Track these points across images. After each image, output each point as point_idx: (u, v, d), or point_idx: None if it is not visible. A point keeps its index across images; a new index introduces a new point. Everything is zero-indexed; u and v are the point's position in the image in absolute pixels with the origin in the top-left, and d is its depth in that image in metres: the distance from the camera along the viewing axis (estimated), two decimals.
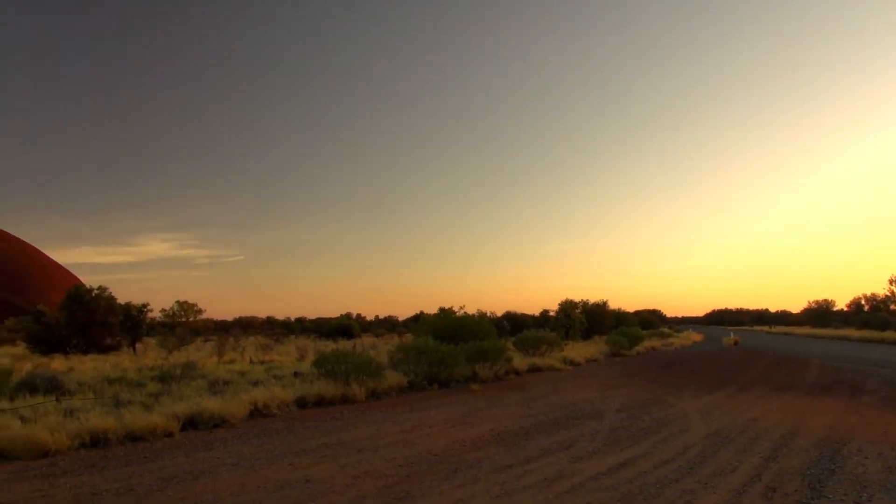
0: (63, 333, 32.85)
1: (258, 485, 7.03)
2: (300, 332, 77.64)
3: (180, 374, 16.77)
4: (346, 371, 15.15)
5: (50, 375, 15.15)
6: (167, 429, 10.27)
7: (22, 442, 8.77)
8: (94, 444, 9.41)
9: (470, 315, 27.42)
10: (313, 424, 11.49)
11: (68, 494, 6.67)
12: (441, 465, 8.05)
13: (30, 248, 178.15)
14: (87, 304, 33.15)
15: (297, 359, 26.69)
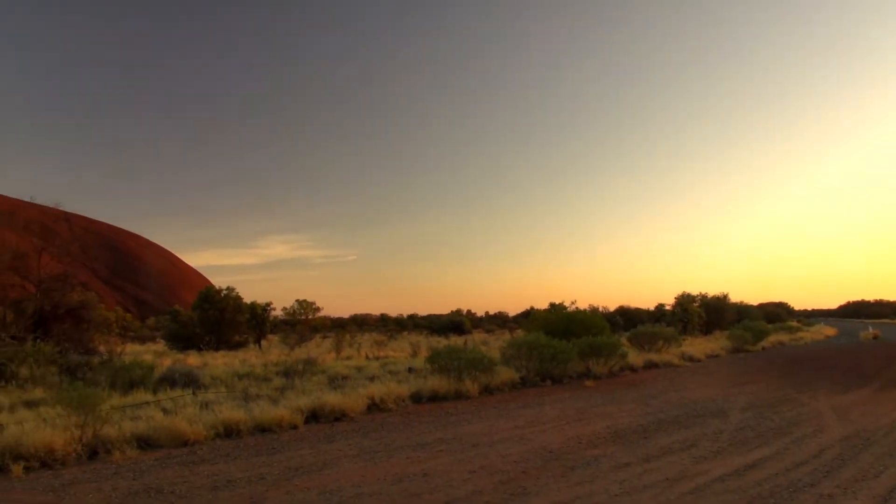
0: (196, 331, 35.29)
1: (378, 477, 7.25)
2: (412, 328, 79.19)
3: (302, 369, 17.58)
4: (459, 367, 15.31)
5: (187, 370, 16.31)
6: (292, 421, 10.80)
7: (165, 431, 9.52)
8: (228, 434, 10.06)
9: (581, 310, 26.97)
10: (428, 419, 11.69)
11: (206, 481, 7.16)
12: (557, 461, 7.97)
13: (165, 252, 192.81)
14: (217, 303, 35.43)
15: (410, 355, 27.26)
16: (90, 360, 16.93)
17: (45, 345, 15.62)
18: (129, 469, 7.84)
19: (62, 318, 18.54)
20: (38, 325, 18.03)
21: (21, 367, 14.51)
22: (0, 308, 17.92)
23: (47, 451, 8.19)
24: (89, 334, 19.10)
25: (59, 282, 18.71)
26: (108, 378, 14.28)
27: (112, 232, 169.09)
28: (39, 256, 18.76)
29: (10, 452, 8.06)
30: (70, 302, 18.72)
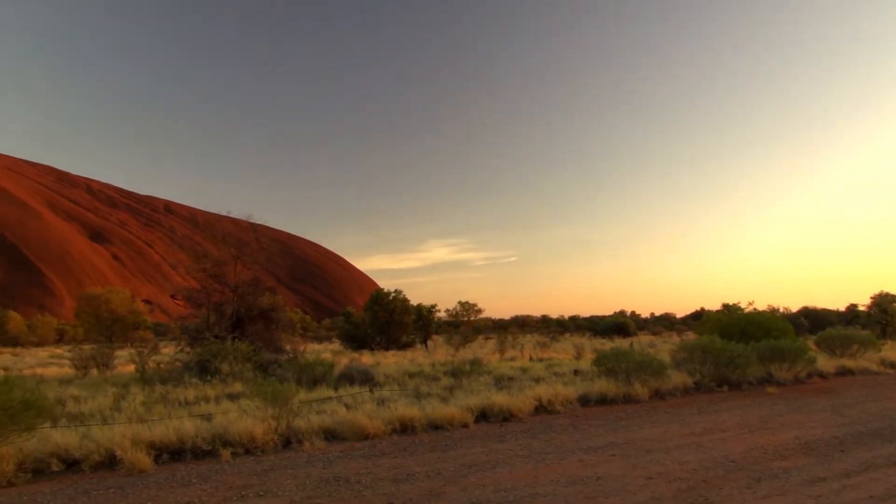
0: (368, 332, 37.35)
1: (551, 478, 7.28)
2: (574, 329, 78.05)
3: (469, 369, 17.99)
4: (627, 370, 14.89)
5: (363, 369, 17.34)
6: (463, 420, 11.12)
7: (348, 425, 10.22)
8: (403, 430, 10.57)
9: (760, 311, 25.10)
10: (598, 422, 11.51)
11: (388, 473, 7.60)
12: (741, 472, 7.52)
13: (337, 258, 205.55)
14: (386, 305, 37.26)
15: (574, 357, 26.93)
16: (279, 357, 18.55)
17: (242, 343, 17.34)
18: (319, 459, 8.50)
19: (255, 319, 20.50)
20: (235, 325, 20.08)
21: (223, 363, 16.24)
22: (205, 311, 20.19)
23: (249, 439, 9.11)
24: (277, 334, 20.94)
25: (252, 287, 20.70)
26: (295, 374, 15.56)
27: (292, 240, 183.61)
28: (235, 264, 20.90)
29: (220, 439, 9.07)
30: (261, 305, 20.66)
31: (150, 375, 16.85)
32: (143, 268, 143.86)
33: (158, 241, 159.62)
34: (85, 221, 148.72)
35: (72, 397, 13.94)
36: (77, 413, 11.65)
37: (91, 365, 20.84)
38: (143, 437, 8.72)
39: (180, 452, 8.73)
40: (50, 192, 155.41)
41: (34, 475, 7.71)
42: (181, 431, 9.03)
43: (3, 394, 7.80)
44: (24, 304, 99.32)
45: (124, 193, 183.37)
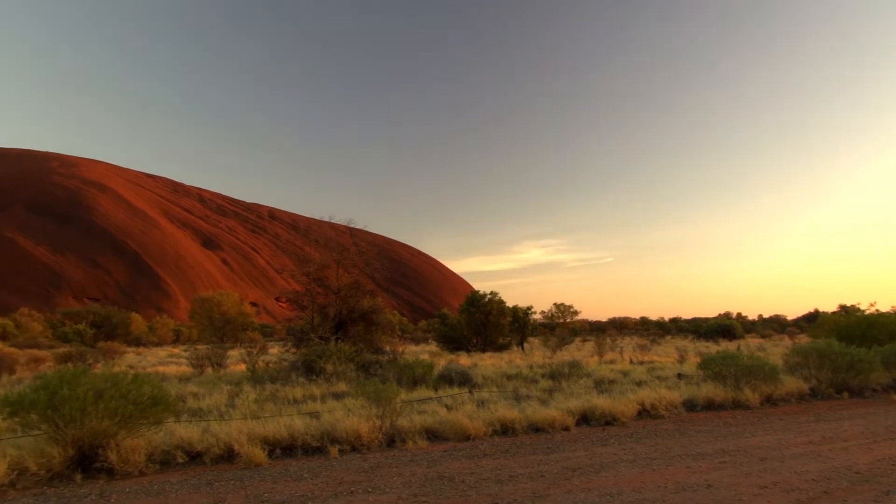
0: (464, 333, 37.61)
1: (658, 484, 7.09)
2: (675, 332, 75.45)
3: (568, 372, 17.79)
4: (736, 374, 14.26)
5: (461, 370, 17.49)
6: (563, 423, 11.01)
7: (449, 426, 10.35)
8: (504, 432, 10.59)
9: (883, 313, 23.34)
10: (705, 428, 11.09)
11: (491, 474, 7.64)
12: (867, 484, 7.05)
13: (432, 260, 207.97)
14: (482, 307, 37.39)
15: (677, 360, 26.04)
16: (379, 358, 19.04)
17: (345, 345, 17.94)
18: (422, 458, 8.67)
19: (356, 321, 21.16)
20: (338, 327, 20.80)
21: (327, 363, 16.84)
22: (309, 313, 21.03)
23: (355, 437, 9.41)
24: (378, 336, 21.52)
25: (353, 290, 21.38)
26: (395, 375, 15.91)
27: (388, 244, 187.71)
28: (337, 268, 21.64)
29: (327, 436, 9.43)
30: (362, 307, 21.30)
31: (260, 374, 17.70)
32: (250, 272, 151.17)
33: (264, 246, 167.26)
34: (197, 229, 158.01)
35: (191, 394, 14.86)
36: (196, 409, 12.42)
37: (206, 364, 22.13)
38: (258, 433, 9.19)
39: (291, 448, 9.13)
40: (166, 202, 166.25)
41: (162, 466, 8.28)
42: (292, 428, 9.46)
43: (133, 390, 8.43)
44: (145, 307, 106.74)
45: (232, 202, 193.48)
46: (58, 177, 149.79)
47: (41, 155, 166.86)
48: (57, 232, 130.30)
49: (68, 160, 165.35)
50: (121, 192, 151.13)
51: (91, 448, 8.04)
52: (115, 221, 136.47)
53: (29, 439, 8.50)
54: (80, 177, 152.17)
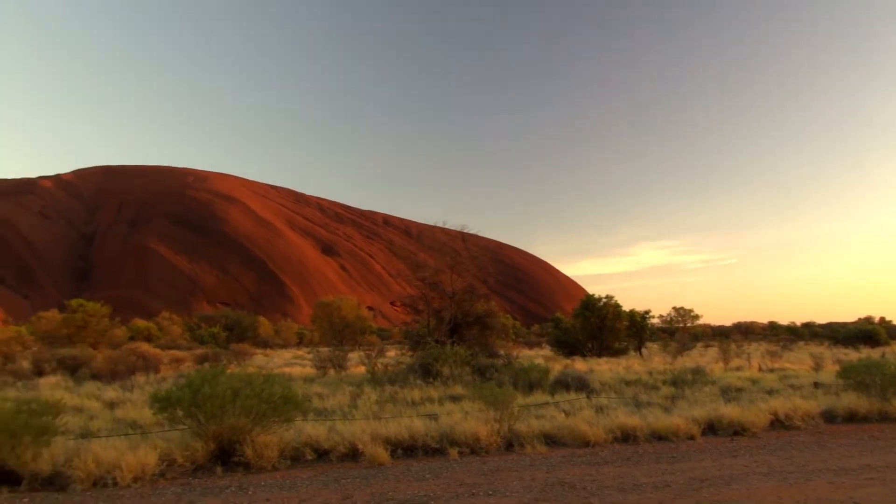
0: (578, 338, 36.95)
1: (796, 499, 6.66)
2: (809, 337, 70.37)
3: (691, 379, 17.07)
4: (883, 383, 13.10)
5: (577, 375, 17.20)
6: (688, 432, 10.57)
7: (567, 431, 10.22)
8: (624, 439, 10.31)
9: None
10: (847, 441, 10.28)
11: (613, 482, 7.47)
12: None
13: (544, 263, 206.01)
14: (597, 311, 36.58)
15: (812, 367, 24.30)
16: (495, 362, 19.10)
17: (460, 348, 18.14)
18: (541, 463, 8.61)
19: (471, 325, 21.35)
20: (453, 331, 21.08)
21: (443, 366, 17.10)
22: (424, 316, 21.47)
23: (474, 440, 9.50)
24: (492, 339, 21.60)
25: (468, 294, 21.61)
26: (511, 379, 15.90)
27: (500, 248, 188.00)
28: (451, 273, 21.96)
29: (447, 438, 9.57)
30: (477, 311, 21.47)
31: (379, 376, 18.23)
32: (367, 277, 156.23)
33: (379, 252, 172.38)
34: (317, 237, 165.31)
35: (316, 394, 15.55)
36: (322, 409, 12.99)
37: (328, 366, 23.09)
38: (380, 433, 9.48)
39: (412, 449, 9.35)
40: (289, 211, 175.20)
41: (292, 462, 8.74)
42: (412, 429, 9.68)
43: (266, 389, 8.95)
44: (271, 311, 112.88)
45: (349, 210, 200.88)
46: (192, 191, 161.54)
47: (178, 171, 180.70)
48: (193, 242, 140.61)
49: (201, 175, 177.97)
50: (248, 203, 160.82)
51: (229, 443, 8.60)
52: (243, 231, 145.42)
53: (175, 433, 9.23)
54: (212, 190, 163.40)
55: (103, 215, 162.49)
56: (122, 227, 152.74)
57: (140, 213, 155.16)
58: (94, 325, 38.26)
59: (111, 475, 7.56)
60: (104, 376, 21.46)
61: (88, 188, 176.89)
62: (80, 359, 23.89)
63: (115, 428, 11.07)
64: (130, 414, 12.38)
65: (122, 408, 13.60)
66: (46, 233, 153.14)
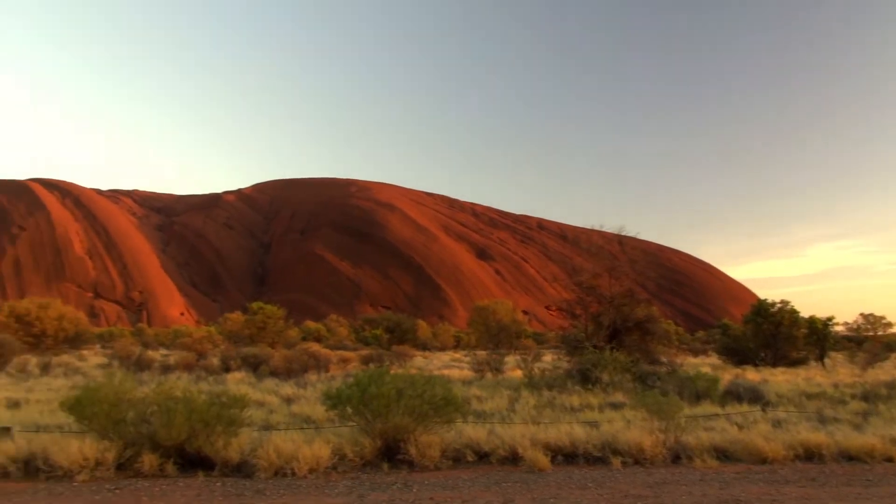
0: (750, 346, 34.41)
1: None
2: None
3: (885, 393, 15.29)
4: None
5: (750, 386, 16.04)
6: (885, 452, 9.43)
7: (741, 446, 9.53)
8: (808, 457, 9.42)
9: None
10: None
11: (797, 503, 6.85)
12: None
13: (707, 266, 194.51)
14: (771, 317, 33.88)
15: None
16: (657, 369, 18.30)
17: (620, 354, 17.57)
18: (713, 478, 8.09)
19: (631, 330, 20.62)
20: (612, 336, 20.48)
21: (602, 372, 16.66)
22: (582, 321, 21.07)
23: (638, 450, 9.13)
24: (654, 346, 20.71)
25: (627, 298, 20.90)
26: (676, 388, 15.12)
27: (660, 251, 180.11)
28: (609, 277, 21.36)
29: (608, 446, 9.29)
30: (637, 316, 20.70)
31: (537, 381, 18.12)
32: (521, 281, 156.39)
33: (533, 256, 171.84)
34: (472, 241, 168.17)
35: (474, 397, 15.77)
36: (480, 411, 13.15)
37: (485, 369, 23.34)
38: (539, 438, 9.41)
39: (573, 456, 9.18)
40: (444, 217, 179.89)
41: (454, 462, 8.91)
42: (572, 436, 9.51)
43: (428, 390, 9.21)
44: (428, 314, 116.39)
45: (502, 214, 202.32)
46: (355, 199, 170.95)
47: (342, 182, 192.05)
48: (356, 248, 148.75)
49: (363, 185, 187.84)
50: (406, 210, 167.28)
51: (394, 441, 8.95)
52: (402, 237, 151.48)
53: (345, 429, 9.77)
54: (373, 199, 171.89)
55: (278, 225, 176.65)
56: (294, 235, 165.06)
57: (309, 222, 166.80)
58: (271, 326, 41.55)
59: (290, 466, 8.14)
60: (281, 373, 23.26)
61: (265, 200, 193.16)
62: (260, 357, 26.06)
63: (291, 422, 11.92)
64: (305, 409, 13.28)
65: (297, 403, 14.63)
66: (231, 242, 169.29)
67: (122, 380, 9.20)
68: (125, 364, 26.87)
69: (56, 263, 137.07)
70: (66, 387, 17.84)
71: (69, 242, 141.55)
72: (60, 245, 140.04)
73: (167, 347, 54.00)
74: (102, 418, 8.43)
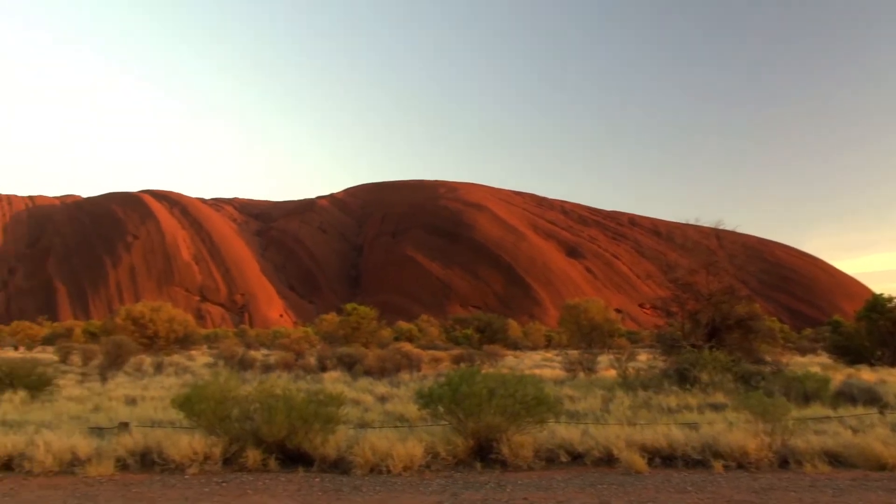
0: (864, 344, 32.13)
1: None
2: None
3: None
4: None
5: (865, 387, 15.00)
6: None
7: (856, 451, 8.91)
8: None
9: None
10: None
11: None
12: None
13: (816, 260, 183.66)
14: (888, 313, 31.51)
15: None
16: (761, 369, 17.41)
17: (720, 353, 16.85)
18: (825, 484, 7.63)
19: (731, 328, 19.72)
20: (710, 334, 19.66)
21: (701, 372, 16.03)
22: (678, 319, 20.35)
23: (741, 454, 8.72)
24: (756, 344, 19.72)
25: (727, 295, 20.00)
26: (782, 388, 14.35)
27: (762, 245, 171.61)
28: (706, 272, 20.53)
29: (709, 449, 8.92)
30: (738, 313, 19.77)
31: (632, 381, 17.66)
32: (613, 278, 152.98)
33: (625, 253, 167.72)
34: (561, 239, 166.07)
35: (567, 397, 15.55)
36: (573, 411, 12.96)
37: (577, 368, 22.97)
38: (635, 440, 9.16)
39: (671, 458, 8.88)
40: (532, 216, 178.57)
41: (547, 463, 8.82)
42: (670, 438, 9.20)
43: (519, 390, 9.16)
44: (518, 314, 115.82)
45: (593, 211, 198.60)
46: (444, 201, 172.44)
47: (431, 184, 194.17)
48: (446, 249, 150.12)
49: (451, 185, 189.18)
50: (495, 210, 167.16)
51: (486, 440, 8.96)
52: (491, 237, 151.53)
53: (438, 428, 9.87)
54: (461, 199, 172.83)
55: (369, 228, 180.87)
56: (385, 237, 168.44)
57: (399, 224, 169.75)
58: (365, 326, 42.59)
59: (384, 463, 8.30)
60: (374, 373, 23.79)
61: (356, 204, 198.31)
62: (354, 356, 26.75)
63: (385, 420, 12.18)
64: (398, 408, 13.53)
65: (390, 402, 14.92)
66: (325, 245, 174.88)
67: (227, 379, 9.68)
68: (229, 363, 28.26)
69: (166, 269, 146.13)
70: (177, 385, 18.94)
71: (177, 249, 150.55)
72: (170, 251, 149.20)
73: (267, 347, 56.43)
74: (209, 415, 8.89)
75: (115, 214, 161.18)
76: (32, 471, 8.18)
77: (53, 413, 13.17)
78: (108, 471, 8.18)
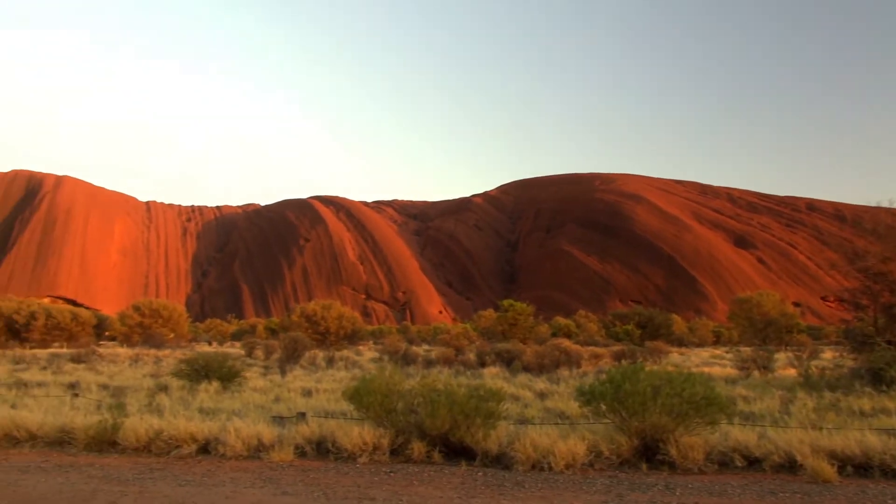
0: None
1: None
2: None
3: None
4: None
5: None
6: None
7: None
8: None
9: None
10: None
11: None
12: None
13: None
14: None
15: None
16: None
17: None
18: None
19: None
20: None
21: None
22: (871, 313, 18.28)
23: None
24: None
25: None
26: None
27: None
28: None
29: None
30: None
31: (815, 381, 16.17)
32: (789, 269, 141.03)
33: (802, 241, 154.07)
34: (728, 228, 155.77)
35: (740, 397, 14.57)
36: (747, 413, 12.10)
37: (751, 367, 21.43)
38: (822, 445, 8.35)
39: (866, 468, 8.00)
40: (695, 205, 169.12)
41: (720, 467, 8.29)
42: (864, 444, 8.27)
43: (687, 388, 8.69)
44: (683, 309, 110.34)
45: (764, 197, 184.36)
46: (600, 193, 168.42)
47: (585, 177, 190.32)
48: (602, 242, 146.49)
49: (607, 177, 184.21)
50: (653, 200, 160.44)
51: (652, 440, 8.60)
52: (650, 229, 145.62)
53: (599, 426, 9.63)
54: (618, 191, 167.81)
55: (523, 224, 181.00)
56: (539, 233, 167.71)
57: (553, 219, 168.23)
58: (522, 322, 42.68)
59: (546, 460, 8.24)
60: (533, 369, 23.74)
61: (509, 201, 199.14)
62: (512, 352, 26.88)
63: (545, 417, 12.10)
64: (558, 405, 13.39)
65: (550, 398, 14.81)
66: (480, 242, 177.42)
67: (392, 373, 10.11)
68: (394, 358, 29.53)
69: (334, 269, 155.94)
70: (347, 378, 20.11)
71: (344, 250, 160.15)
72: (337, 252, 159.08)
73: (428, 343, 58.30)
74: (377, 407, 9.34)
75: (288, 220, 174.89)
76: (225, 454, 9.06)
77: (241, 402, 14.52)
78: (288, 457, 8.86)
